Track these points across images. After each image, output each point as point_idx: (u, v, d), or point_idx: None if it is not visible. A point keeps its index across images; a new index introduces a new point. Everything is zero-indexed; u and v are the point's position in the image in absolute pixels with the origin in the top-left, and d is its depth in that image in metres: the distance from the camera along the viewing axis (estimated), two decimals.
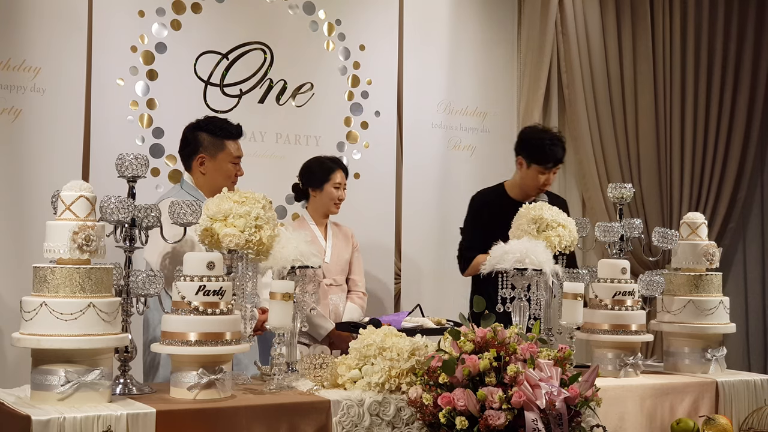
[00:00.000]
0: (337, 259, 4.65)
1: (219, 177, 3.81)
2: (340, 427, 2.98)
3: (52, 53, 4.76)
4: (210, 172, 3.83)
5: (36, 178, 4.67)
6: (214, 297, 2.92)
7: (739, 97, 6.85)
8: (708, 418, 3.62)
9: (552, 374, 2.97)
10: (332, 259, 4.62)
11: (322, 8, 5.52)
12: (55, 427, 2.56)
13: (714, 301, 3.96)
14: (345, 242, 4.73)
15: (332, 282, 4.59)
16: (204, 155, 3.83)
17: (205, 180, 3.83)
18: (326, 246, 4.62)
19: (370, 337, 3.18)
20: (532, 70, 6.23)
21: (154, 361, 3.65)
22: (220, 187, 3.70)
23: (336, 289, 4.62)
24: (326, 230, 4.69)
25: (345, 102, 5.60)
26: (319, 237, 4.62)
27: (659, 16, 6.65)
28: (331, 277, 4.60)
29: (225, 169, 3.82)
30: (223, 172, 3.82)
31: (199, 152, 3.84)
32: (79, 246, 2.76)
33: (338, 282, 4.64)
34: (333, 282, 4.60)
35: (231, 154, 3.84)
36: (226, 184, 3.73)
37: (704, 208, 6.61)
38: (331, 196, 4.63)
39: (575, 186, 6.48)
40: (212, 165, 3.83)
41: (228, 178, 3.82)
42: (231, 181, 3.82)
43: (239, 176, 3.88)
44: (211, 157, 3.83)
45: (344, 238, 4.75)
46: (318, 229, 4.65)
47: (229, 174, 3.83)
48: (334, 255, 4.64)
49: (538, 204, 3.93)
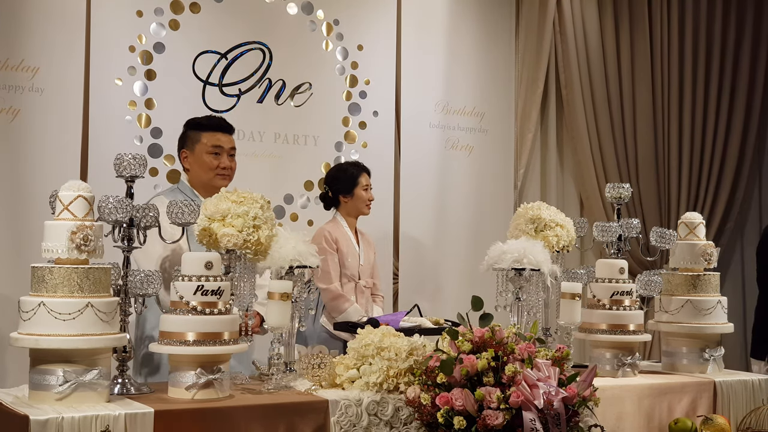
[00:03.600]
0: (367, 262, 4.83)
1: (199, 169, 3.82)
2: (338, 426, 2.98)
3: (50, 53, 4.75)
4: (192, 165, 3.85)
5: (34, 177, 4.67)
6: (212, 297, 2.92)
7: (736, 97, 6.86)
8: (706, 418, 3.62)
9: (550, 374, 2.97)
10: (365, 262, 4.80)
11: (320, 8, 5.53)
12: (54, 427, 2.56)
13: (712, 301, 3.96)
14: (369, 247, 4.91)
15: (366, 284, 4.77)
16: (185, 150, 3.88)
17: (191, 175, 3.87)
18: (359, 250, 4.77)
19: (368, 336, 3.18)
20: (529, 70, 6.23)
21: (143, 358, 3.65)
22: (204, 180, 3.79)
23: (368, 291, 4.79)
24: (357, 234, 4.84)
25: (343, 102, 5.61)
26: (353, 240, 4.77)
27: (657, 16, 6.65)
28: (365, 279, 4.76)
29: (202, 161, 3.81)
30: (202, 164, 3.82)
31: (182, 149, 3.89)
32: (78, 246, 2.76)
33: (369, 284, 4.80)
34: (366, 284, 4.77)
35: (206, 145, 3.82)
36: (209, 177, 3.78)
37: (702, 208, 6.62)
38: (363, 198, 4.80)
39: (573, 186, 6.48)
40: (192, 158, 3.85)
41: (210, 170, 3.81)
42: (216, 174, 3.81)
43: (225, 168, 3.84)
44: (191, 151, 3.85)
45: (368, 242, 4.91)
46: (351, 232, 4.80)
47: (209, 165, 3.81)
48: (365, 258, 4.82)
49: (536, 204, 3.93)
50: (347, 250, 4.66)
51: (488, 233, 4.87)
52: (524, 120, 6.21)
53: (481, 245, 3.75)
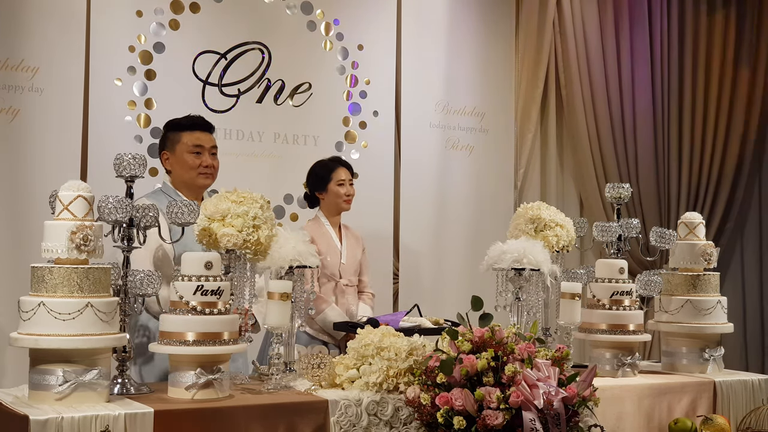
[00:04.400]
0: (352, 260, 4.66)
1: (181, 169, 3.78)
2: (337, 426, 2.98)
3: (50, 53, 4.75)
4: (173, 166, 3.81)
5: (34, 178, 4.67)
6: (212, 297, 2.93)
7: (736, 97, 6.85)
8: (706, 418, 3.62)
9: (550, 374, 2.97)
10: (347, 260, 4.63)
11: (320, 8, 5.52)
12: (53, 427, 2.57)
13: (712, 301, 3.97)
14: (356, 243, 4.74)
15: (348, 282, 4.61)
16: (166, 152, 3.83)
17: (173, 176, 3.82)
18: (341, 247, 4.62)
19: (368, 336, 3.18)
20: (529, 69, 6.23)
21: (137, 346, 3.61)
22: (186, 179, 3.76)
23: (350, 289, 4.64)
24: (340, 231, 4.69)
25: (343, 102, 5.60)
26: (335, 238, 4.62)
27: (657, 15, 6.64)
28: (347, 278, 4.61)
29: (183, 160, 3.77)
30: (184, 164, 3.77)
31: (163, 150, 3.85)
32: (77, 246, 2.76)
33: (353, 282, 4.66)
34: (348, 282, 4.62)
35: (187, 144, 3.78)
36: (192, 176, 3.75)
37: (702, 208, 6.61)
38: (338, 193, 4.61)
39: (573, 186, 6.48)
40: (174, 159, 3.80)
41: (191, 169, 3.77)
42: (198, 172, 3.77)
43: (208, 166, 3.79)
44: (172, 152, 3.81)
45: (355, 239, 4.75)
46: (333, 230, 4.65)
47: (191, 164, 3.77)
48: (348, 256, 4.64)
49: (536, 204, 3.93)
50: (326, 248, 4.51)
51: (488, 233, 4.85)
52: (524, 120, 6.20)
53: (481, 245, 3.75)
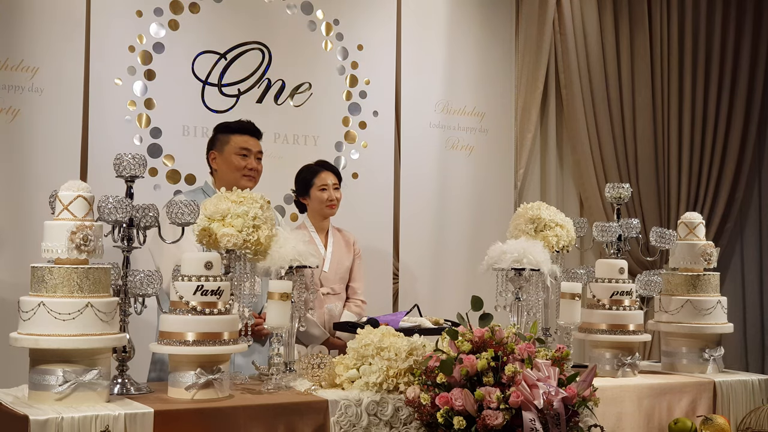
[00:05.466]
0: (336, 267, 4.57)
1: (227, 170, 3.98)
2: (337, 427, 2.98)
3: (50, 53, 4.75)
4: (220, 166, 4.01)
5: (34, 178, 4.67)
6: (212, 297, 2.93)
7: (736, 97, 6.85)
8: (705, 418, 3.62)
9: (550, 374, 2.97)
10: (331, 268, 4.55)
11: (320, 8, 5.52)
12: (53, 427, 2.57)
13: (712, 301, 3.97)
14: (346, 249, 4.66)
15: (330, 291, 4.53)
16: (214, 152, 4.04)
17: (218, 176, 4.02)
18: (326, 254, 4.55)
19: (368, 336, 3.18)
20: (529, 69, 6.23)
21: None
22: (230, 180, 3.90)
23: (333, 297, 4.55)
24: (327, 237, 4.61)
25: (343, 102, 5.60)
26: (319, 245, 4.54)
27: (657, 16, 6.65)
28: (329, 286, 4.53)
29: (230, 161, 3.97)
30: (230, 164, 3.97)
31: (211, 150, 4.05)
32: (77, 246, 2.76)
33: (336, 291, 4.56)
34: (331, 291, 4.53)
35: (235, 146, 3.99)
36: (236, 177, 3.93)
37: (702, 208, 6.61)
38: (320, 199, 4.55)
39: (573, 186, 6.48)
40: (221, 159, 4.01)
41: (237, 170, 3.96)
42: (243, 174, 3.97)
43: (252, 169, 3.99)
44: (220, 152, 4.01)
45: (346, 245, 4.67)
46: (318, 236, 4.57)
47: (237, 166, 3.96)
48: (333, 263, 4.56)
49: (536, 204, 3.93)
50: None
51: (488, 233, 4.85)
52: (524, 120, 6.20)
53: (481, 245, 3.75)
